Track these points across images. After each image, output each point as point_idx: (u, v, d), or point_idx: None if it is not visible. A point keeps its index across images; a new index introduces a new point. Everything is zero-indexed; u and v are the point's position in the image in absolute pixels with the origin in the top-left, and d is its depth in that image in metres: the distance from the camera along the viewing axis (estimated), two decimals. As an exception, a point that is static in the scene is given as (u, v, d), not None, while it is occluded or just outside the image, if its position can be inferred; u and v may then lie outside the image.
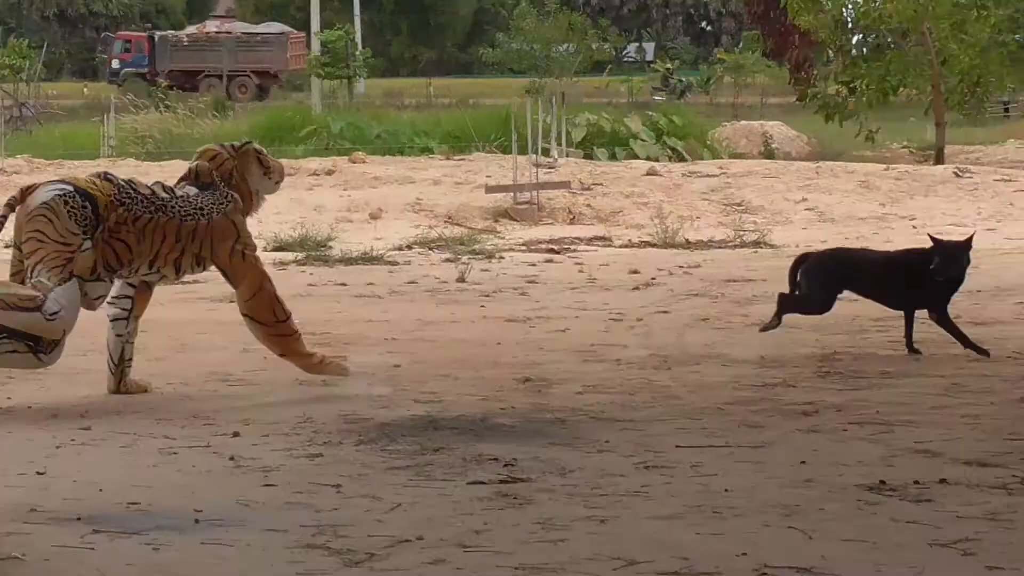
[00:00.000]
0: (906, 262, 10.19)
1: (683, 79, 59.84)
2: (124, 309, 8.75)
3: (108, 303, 8.70)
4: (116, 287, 8.69)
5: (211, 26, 63.56)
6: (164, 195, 8.62)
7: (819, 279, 10.17)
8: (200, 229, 8.59)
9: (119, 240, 8.38)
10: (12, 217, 8.43)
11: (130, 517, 5.88)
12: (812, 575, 5.15)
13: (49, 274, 8.12)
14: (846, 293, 10.39)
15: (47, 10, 79.07)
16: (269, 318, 8.70)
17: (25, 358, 8.12)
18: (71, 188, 8.34)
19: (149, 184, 8.76)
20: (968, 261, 10.05)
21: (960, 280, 10.05)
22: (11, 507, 5.99)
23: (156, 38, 62.05)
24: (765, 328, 10.13)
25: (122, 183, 8.56)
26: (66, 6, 78.21)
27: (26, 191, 8.41)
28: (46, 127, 39.24)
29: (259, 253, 9.19)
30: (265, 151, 9.21)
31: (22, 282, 8.20)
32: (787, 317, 10.23)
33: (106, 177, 8.62)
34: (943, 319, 10.04)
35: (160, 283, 8.94)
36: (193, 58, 59.80)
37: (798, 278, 10.23)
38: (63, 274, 8.15)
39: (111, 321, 8.76)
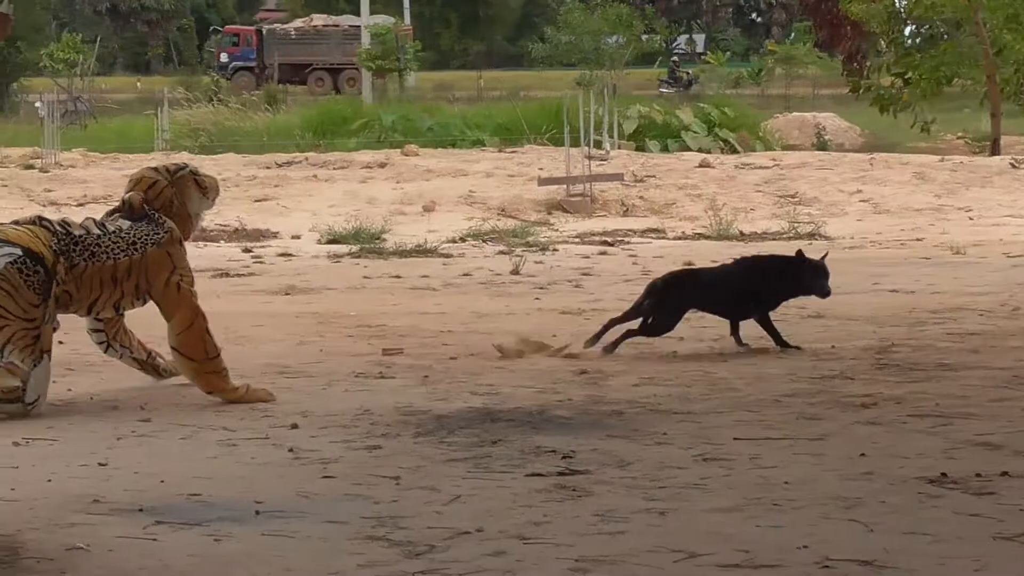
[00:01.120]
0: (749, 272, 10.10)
1: (688, 72, 59.65)
2: (103, 339, 8.70)
3: (90, 333, 8.69)
4: (88, 323, 8.63)
5: (318, 19, 63.45)
6: (96, 232, 8.27)
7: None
8: (134, 264, 8.29)
9: (62, 289, 8.14)
10: None
11: (191, 508, 5.90)
12: (874, 568, 5.12)
13: (22, 355, 7.91)
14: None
15: (100, 5, 79.53)
16: (199, 354, 8.36)
17: (12, 407, 7.88)
18: (20, 252, 7.98)
19: (81, 222, 8.41)
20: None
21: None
22: (74, 498, 6.03)
23: (264, 32, 62.05)
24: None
25: (58, 228, 8.21)
26: (118, 0, 78.61)
27: None
28: (100, 121, 39.48)
29: (310, 245, 9.09)
30: (200, 172, 8.81)
31: None
32: (842, 309, 10.19)
33: (42, 223, 8.25)
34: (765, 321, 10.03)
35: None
36: (301, 51, 59.64)
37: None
38: (35, 354, 7.94)
39: (104, 352, 8.76)
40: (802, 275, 9.95)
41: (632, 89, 47.88)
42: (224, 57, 62.14)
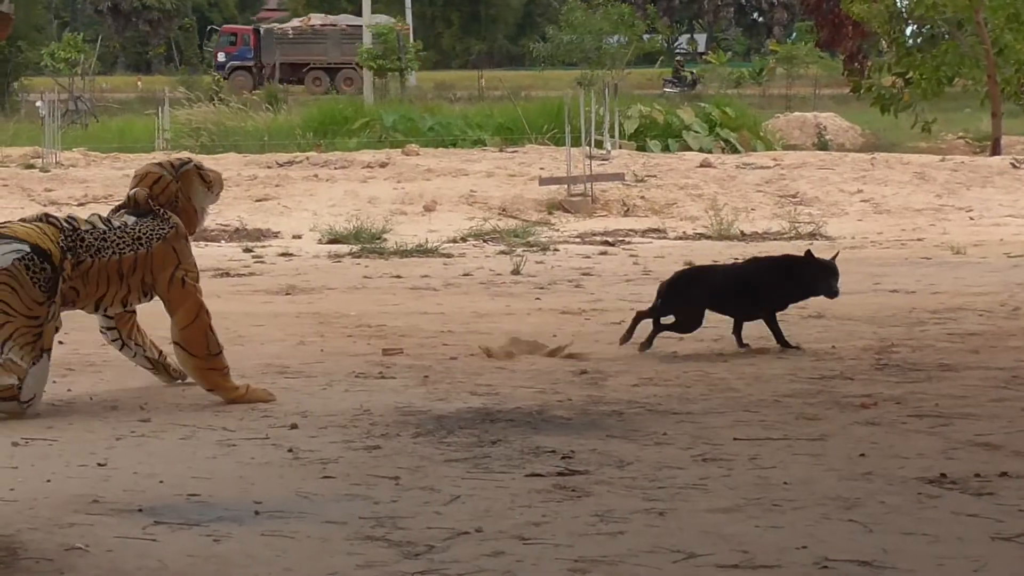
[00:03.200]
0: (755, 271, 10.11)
1: (692, 71, 59.66)
2: (115, 338, 8.69)
3: (103, 332, 8.68)
4: (100, 320, 8.63)
5: (316, 19, 63.54)
6: (102, 228, 8.29)
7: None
8: (140, 259, 8.30)
9: (68, 286, 8.15)
10: None
11: (191, 508, 5.91)
12: (873, 568, 5.12)
13: (21, 352, 7.91)
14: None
15: (101, 4, 79.56)
16: (202, 350, 8.35)
17: (7, 405, 7.89)
18: (28, 249, 8.00)
19: (87, 217, 8.44)
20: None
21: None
22: (73, 498, 6.03)
23: (262, 31, 62.13)
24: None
25: (64, 224, 8.23)
26: (120, 0, 78.64)
27: None
28: (101, 121, 39.48)
29: (310, 245, 9.10)
30: (204, 166, 8.83)
31: None
32: (842, 310, 10.20)
33: (48, 220, 8.28)
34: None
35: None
36: (299, 51, 59.74)
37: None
38: (35, 352, 7.93)
39: (118, 350, 8.75)
40: (811, 275, 9.93)
41: (633, 89, 47.89)
42: (222, 56, 62.20)
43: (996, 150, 29.16)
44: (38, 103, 32.61)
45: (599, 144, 24.70)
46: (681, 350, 9.95)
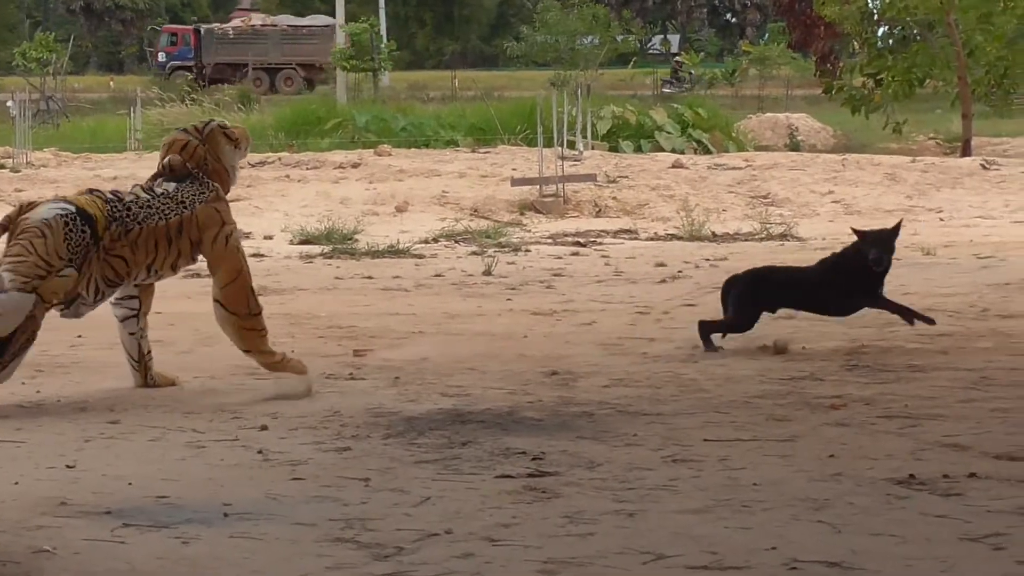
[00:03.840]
0: (838, 267, 10.13)
1: (692, 71, 59.78)
2: (132, 309, 8.70)
3: (114, 304, 8.66)
4: (123, 289, 8.65)
5: (256, 19, 63.63)
6: (145, 197, 8.45)
7: (746, 299, 10.07)
8: (185, 221, 8.47)
9: (116, 256, 8.26)
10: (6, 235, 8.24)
11: (159, 510, 5.89)
12: (841, 569, 5.13)
13: (13, 276, 7.94)
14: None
15: (73, 3, 79.31)
16: (242, 309, 8.52)
17: None
18: (73, 209, 8.17)
19: (130, 189, 8.61)
20: (893, 249, 10.08)
21: (889, 265, 10.03)
22: (41, 500, 6.01)
23: (202, 31, 62.14)
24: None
25: (110, 197, 8.39)
26: (92, 0, 78.41)
27: (26, 207, 8.28)
28: (73, 120, 39.36)
29: (282, 246, 9.13)
30: (228, 124, 9.05)
31: None
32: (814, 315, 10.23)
33: (93, 193, 8.43)
34: (884, 303, 10.00)
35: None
36: (239, 51, 59.85)
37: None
38: (26, 286, 7.95)
39: (121, 321, 8.72)
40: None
41: (606, 89, 47.92)
42: (162, 56, 62.16)
43: (966, 151, 29.28)
44: (8, 103, 32.49)
45: (571, 145, 24.72)
46: (652, 351, 9.96)
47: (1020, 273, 13.66)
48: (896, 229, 10.13)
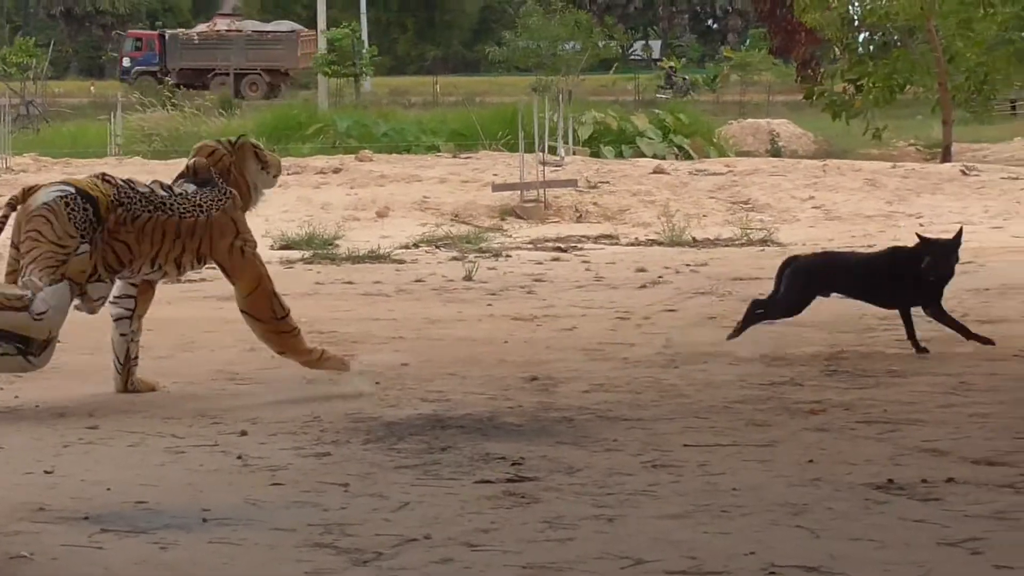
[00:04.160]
0: (892, 260, 10.21)
1: (686, 77, 59.82)
2: (127, 309, 8.74)
3: (111, 303, 8.69)
4: (118, 287, 8.68)
5: (221, 24, 63.67)
6: (162, 193, 8.58)
7: (801, 282, 10.15)
8: (199, 226, 8.58)
9: (119, 241, 8.37)
10: (12, 217, 8.40)
11: (138, 516, 5.88)
12: (820, 574, 5.14)
13: (41, 273, 8.09)
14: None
15: (54, 8, 79.14)
16: (268, 315, 8.66)
17: (15, 361, 8.08)
18: (73, 190, 8.30)
19: (147, 183, 8.73)
20: (957, 259, 10.11)
21: (950, 276, 10.09)
22: (19, 506, 5.99)
23: (167, 36, 62.13)
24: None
25: (121, 183, 8.52)
26: (73, 4, 78.26)
27: (28, 191, 8.39)
28: (53, 125, 39.27)
29: (263, 251, 9.17)
30: (262, 145, 9.19)
31: (15, 282, 8.19)
32: (798, 316, 10.25)
33: (105, 178, 8.56)
34: (938, 314, 10.08)
35: (162, 281, 8.94)
36: (204, 56, 59.89)
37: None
38: (55, 275, 8.11)
39: (115, 321, 8.76)
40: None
41: (588, 95, 47.94)
42: (127, 62, 62.07)
43: (946, 157, 29.34)
44: (-11, 107, 32.37)
45: (553, 150, 24.72)
46: (632, 356, 9.97)
47: (999, 279, 13.70)
48: (957, 239, 10.12)
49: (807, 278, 10.23)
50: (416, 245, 17.64)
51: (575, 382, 9.00)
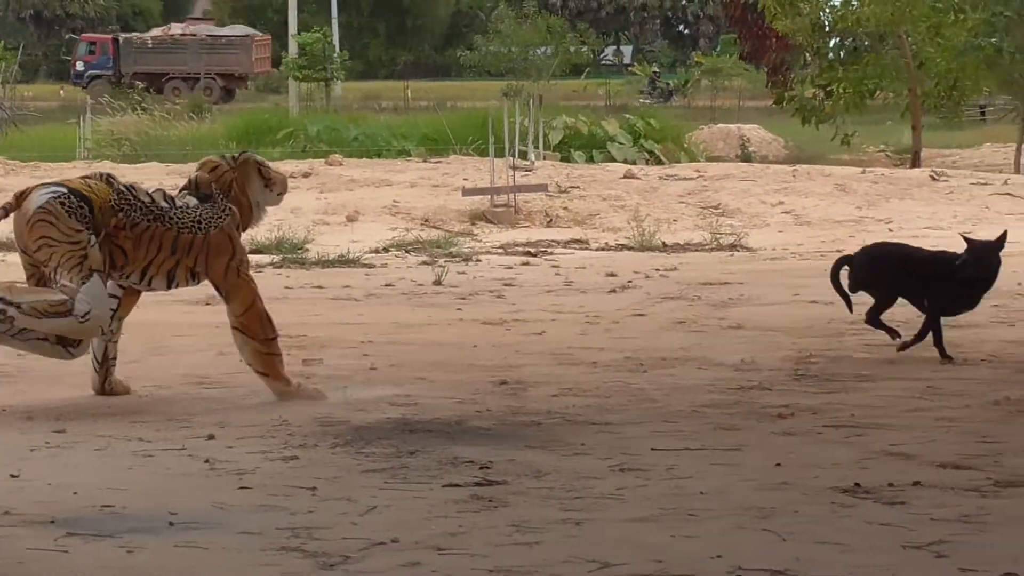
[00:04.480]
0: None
1: (669, 82, 59.93)
2: (115, 304, 8.72)
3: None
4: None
5: (176, 28, 63.61)
6: (164, 204, 8.57)
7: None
8: (196, 243, 8.56)
9: (115, 245, 8.37)
10: (8, 218, 8.42)
11: (104, 520, 5.86)
12: (786, 577, 5.17)
13: (70, 275, 8.15)
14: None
15: (23, 12, 78.84)
16: (259, 334, 8.65)
17: (55, 349, 8.22)
18: (64, 189, 8.32)
19: (150, 191, 8.72)
20: (999, 261, 9.92)
21: (988, 278, 9.90)
22: (-15, 510, 5.97)
23: (121, 40, 62.00)
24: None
25: (122, 188, 8.51)
26: (42, 8, 77.99)
27: (21, 196, 8.39)
28: (21, 129, 39.11)
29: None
30: (266, 162, 9.15)
31: (37, 284, 8.27)
32: (761, 320, 10.28)
33: (107, 180, 8.57)
34: (933, 315, 10.01)
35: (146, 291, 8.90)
36: (158, 60, 59.84)
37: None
38: (83, 271, 8.17)
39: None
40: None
41: (559, 100, 47.97)
42: (80, 65, 61.87)
43: (916, 163, 29.44)
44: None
45: (523, 155, 24.72)
46: (601, 360, 9.97)
47: (967, 283, 13.73)
48: (1000, 241, 9.98)
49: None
50: (386, 249, 17.62)
51: (544, 386, 9.01)
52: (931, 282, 9.96)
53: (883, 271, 10.17)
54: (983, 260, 9.85)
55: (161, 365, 9.76)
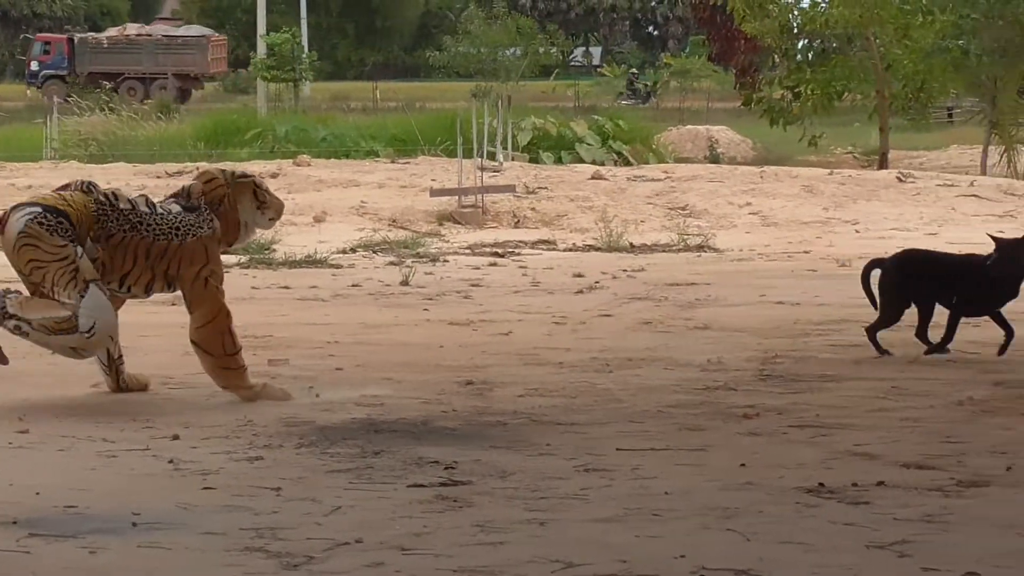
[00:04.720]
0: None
1: (648, 83, 59.96)
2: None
3: None
4: None
5: (132, 29, 63.45)
6: (144, 210, 8.52)
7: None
8: (171, 249, 8.52)
9: (94, 258, 8.33)
10: None
11: (67, 520, 5.84)
12: (749, 577, 5.18)
13: (66, 291, 8.16)
14: None
15: (-10, 11, 78.53)
16: (217, 349, 8.58)
17: (64, 350, 8.34)
18: (39, 208, 8.30)
19: (132, 197, 8.68)
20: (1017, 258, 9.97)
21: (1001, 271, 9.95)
22: (-54, 511, 5.94)
23: (76, 40, 61.79)
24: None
25: (102, 197, 8.46)
26: (9, 7, 77.68)
27: (2, 221, 8.37)
28: (-12, 129, 38.91)
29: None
30: (265, 186, 9.09)
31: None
32: (727, 321, 10.29)
33: (87, 188, 8.52)
34: (953, 316, 10.06)
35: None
36: (113, 60, 59.66)
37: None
38: (78, 285, 8.17)
39: None
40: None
41: (528, 101, 47.98)
42: (35, 65, 61.61)
43: (883, 164, 29.53)
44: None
45: (492, 156, 24.72)
46: (567, 361, 9.98)
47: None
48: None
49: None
50: (353, 250, 17.59)
51: (510, 387, 9.01)
52: (958, 283, 10.04)
53: (915, 277, 10.22)
54: (1014, 256, 9.93)
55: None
